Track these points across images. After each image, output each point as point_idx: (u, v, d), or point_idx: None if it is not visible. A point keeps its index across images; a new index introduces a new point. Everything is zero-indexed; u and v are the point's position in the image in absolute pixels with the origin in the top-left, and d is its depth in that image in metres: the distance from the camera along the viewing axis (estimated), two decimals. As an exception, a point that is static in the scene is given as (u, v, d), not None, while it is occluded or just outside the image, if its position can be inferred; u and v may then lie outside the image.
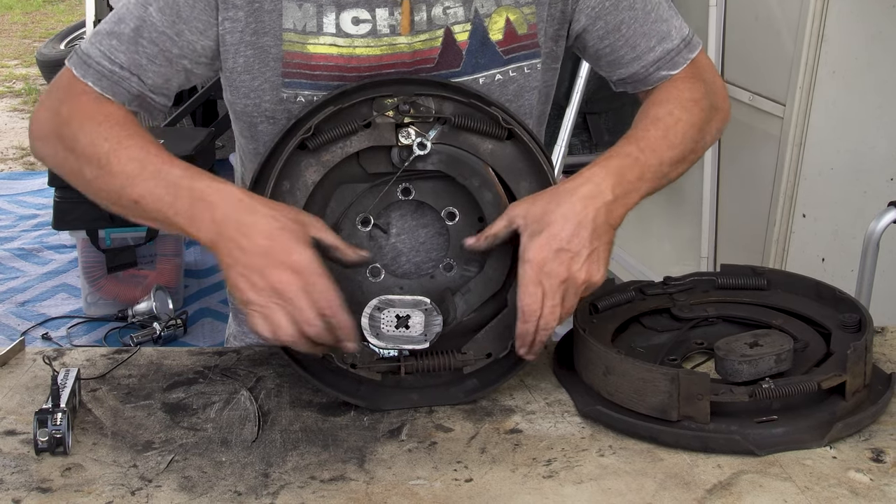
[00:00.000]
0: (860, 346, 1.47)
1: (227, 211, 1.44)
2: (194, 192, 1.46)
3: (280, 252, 1.41)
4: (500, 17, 1.62)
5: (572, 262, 1.45)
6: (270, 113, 1.61)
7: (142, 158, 1.48)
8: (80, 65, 1.58)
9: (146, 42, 1.56)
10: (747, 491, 1.34)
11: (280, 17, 1.56)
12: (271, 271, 1.40)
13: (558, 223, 1.46)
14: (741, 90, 3.11)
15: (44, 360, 1.65)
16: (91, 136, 1.52)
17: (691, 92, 1.65)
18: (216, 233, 1.43)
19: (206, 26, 1.57)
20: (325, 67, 1.58)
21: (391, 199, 1.61)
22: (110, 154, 1.49)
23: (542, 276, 1.45)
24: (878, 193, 2.84)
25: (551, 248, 1.45)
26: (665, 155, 1.57)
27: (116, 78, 1.57)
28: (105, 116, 1.54)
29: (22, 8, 11.79)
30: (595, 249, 1.47)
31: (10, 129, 7.56)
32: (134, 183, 1.47)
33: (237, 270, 1.42)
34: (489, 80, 1.62)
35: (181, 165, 1.49)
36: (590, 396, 1.53)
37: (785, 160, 2.94)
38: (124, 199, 1.49)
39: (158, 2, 1.56)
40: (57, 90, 1.60)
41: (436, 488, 1.36)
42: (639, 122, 1.62)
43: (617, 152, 1.55)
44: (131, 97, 1.59)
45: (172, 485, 1.37)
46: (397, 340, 1.52)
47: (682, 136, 1.59)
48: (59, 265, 5.00)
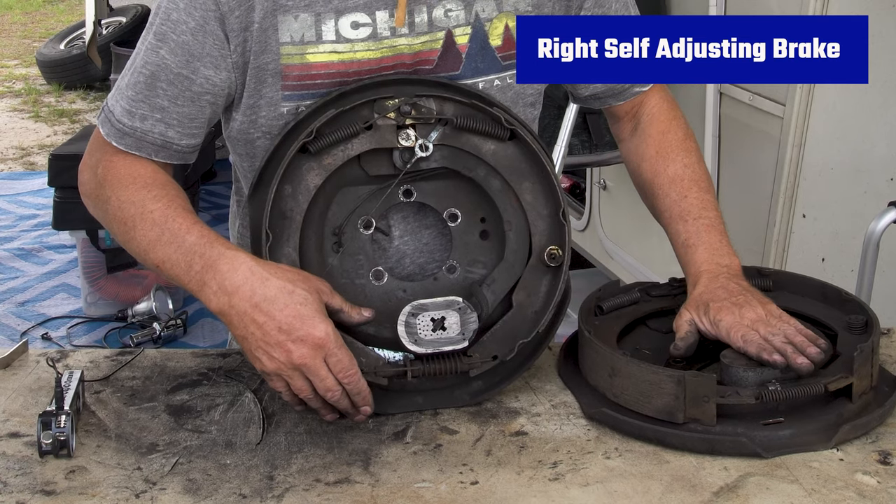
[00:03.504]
0: (867, 348, 1.47)
1: (237, 281, 1.44)
2: (206, 260, 1.46)
3: (300, 328, 1.42)
4: (500, 23, 1.62)
5: (754, 306, 1.57)
6: (267, 129, 1.61)
7: (161, 224, 1.50)
8: (105, 123, 1.59)
9: (164, 85, 1.55)
10: (754, 493, 1.33)
11: (276, 33, 1.55)
12: (292, 346, 1.41)
13: (744, 309, 1.56)
14: (741, 90, 3.10)
15: (47, 363, 1.65)
16: (119, 201, 1.55)
17: (681, 130, 1.76)
18: (227, 304, 1.44)
19: (220, 59, 1.55)
20: (325, 76, 1.57)
21: (393, 201, 1.60)
22: (136, 219, 1.52)
23: (762, 326, 1.54)
24: (878, 193, 2.84)
25: (741, 304, 1.57)
26: (713, 202, 1.70)
27: (139, 134, 1.57)
28: (133, 179, 1.56)
29: (22, 8, 11.79)
30: (761, 302, 1.59)
31: (10, 129, 7.55)
32: (154, 248, 1.50)
33: (254, 344, 1.43)
34: (488, 86, 1.62)
35: (197, 232, 1.49)
36: (595, 398, 1.53)
37: (785, 160, 2.93)
38: (148, 262, 1.52)
39: (169, 44, 1.54)
40: (94, 149, 1.62)
41: (441, 491, 1.36)
42: (670, 186, 1.71)
43: (716, 230, 1.67)
44: (156, 148, 1.58)
45: (177, 487, 1.36)
46: (437, 343, 1.52)
47: (704, 175, 1.73)
48: (59, 265, 5.00)
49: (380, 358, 1.52)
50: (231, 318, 1.44)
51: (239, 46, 1.55)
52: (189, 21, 1.53)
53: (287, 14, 1.55)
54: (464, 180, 1.59)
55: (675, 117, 1.76)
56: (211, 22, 1.53)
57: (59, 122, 7.69)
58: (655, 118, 1.75)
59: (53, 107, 8.06)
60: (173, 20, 1.53)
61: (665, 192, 1.71)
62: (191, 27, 1.53)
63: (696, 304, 1.58)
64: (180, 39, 1.53)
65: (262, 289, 1.43)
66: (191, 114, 1.58)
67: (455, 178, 1.59)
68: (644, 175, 1.75)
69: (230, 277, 1.44)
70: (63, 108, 8.01)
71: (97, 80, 8.21)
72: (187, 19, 1.53)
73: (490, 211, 1.60)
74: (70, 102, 8.20)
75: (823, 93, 2.85)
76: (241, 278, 1.44)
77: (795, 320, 1.54)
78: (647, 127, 1.74)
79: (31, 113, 7.93)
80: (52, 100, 8.27)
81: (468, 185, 1.59)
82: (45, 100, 8.28)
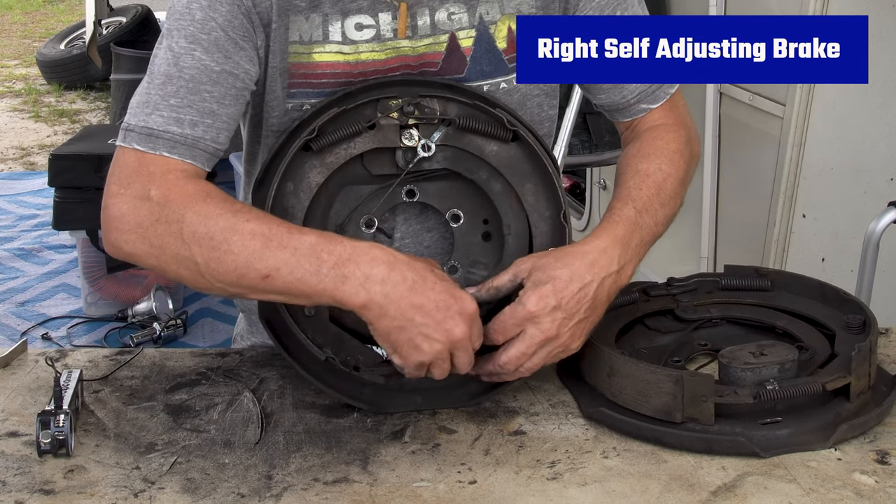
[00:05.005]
0: (865, 348, 1.47)
1: (383, 269, 1.38)
2: (339, 256, 1.39)
3: (454, 303, 1.39)
4: (503, 26, 1.62)
5: (563, 324, 1.45)
6: (277, 127, 1.61)
7: (264, 233, 1.40)
8: (144, 140, 1.48)
9: (209, 86, 1.49)
10: (752, 493, 1.33)
11: (287, 32, 1.55)
12: (451, 324, 1.39)
13: (563, 280, 1.45)
14: (741, 90, 3.11)
15: (46, 362, 1.65)
16: (200, 216, 1.42)
17: (676, 143, 1.66)
18: (381, 293, 1.37)
19: (252, 53, 1.53)
20: (331, 75, 1.57)
21: (396, 200, 1.60)
22: (227, 231, 1.40)
23: (530, 326, 1.44)
24: (878, 193, 2.84)
25: (549, 304, 1.43)
26: (659, 214, 1.58)
27: (191, 141, 1.48)
28: (206, 193, 1.45)
29: (22, 8, 11.79)
30: (586, 319, 1.47)
31: (10, 129, 7.55)
32: (262, 257, 1.39)
33: (414, 332, 1.39)
34: (494, 88, 1.62)
35: (311, 232, 1.42)
36: (593, 398, 1.53)
37: (785, 160, 2.94)
38: (250, 276, 1.40)
39: (201, 44, 1.49)
40: (129, 175, 1.48)
41: (440, 490, 1.36)
42: (629, 176, 1.61)
43: (619, 216, 1.54)
44: (208, 156, 1.51)
45: (175, 487, 1.37)
46: None
47: (672, 192, 1.61)
48: (59, 265, 5.00)
49: (378, 356, 1.52)
50: (386, 308, 1.38)
51: (263, 42, 1.54)
52: (217, 17, 1.50)
53: (298, 14, 1.55)
54: (466, 181, 1.59)
55: (675, 132, 1.69)
56: (238, 16, 1.51)
57: (59, 122, 7.70)
58: (654, 128, 1.70)
59: (53, 107, 8.06)
60: (199, 19, 1.49)
61: (625, 180, 1.62)
62: (220, 23, 1.50)
63: (533, 261, 1.50)
64: (212, 37, 1.50)
65: (409, 272, 1.39)
66: (235, 115, 1.53)
67: (458, 178, 1.59)
68: (618, 169, 1.67)
69: (375, 266, 1.38)
70: (63, 108, 8.01)
71: (97, 80, 8.21)
72: (214, 15, 1.50)
73: (492, 213, 1.60)
74: (70, 102, 8.20)
75: (823, 93, 2.85)
76: (385, 265, 1.39)
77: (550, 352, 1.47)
78: (643, 133, 1.70)
79: (32, 113, 7.93)
80: (52, 100, 8.27)
81: (471, 186, 1.59)
82: (45, 100, 8.29)
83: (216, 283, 1.43)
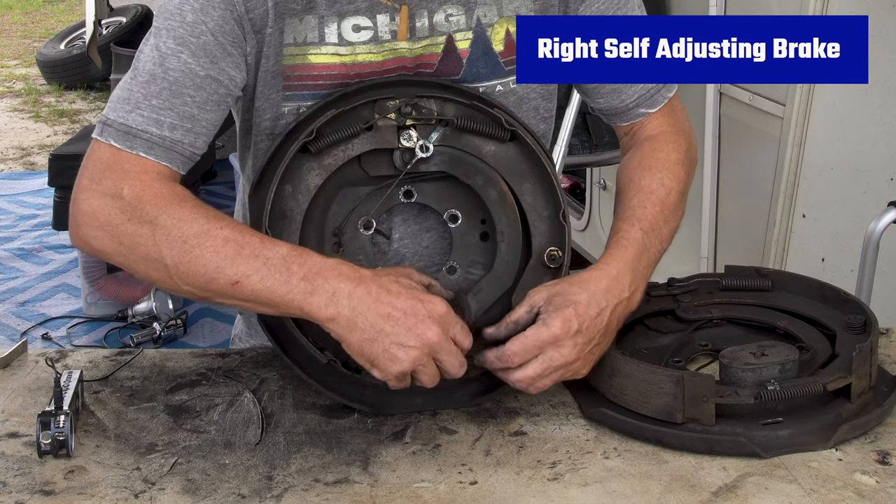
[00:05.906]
0: (865, 348, 1.47)
1: (349, 284, 1.40)
2: (308, 268, 1.41)
3: (421, 307, 1.40)
4: (501, 29, 1.61)
5: (581, 349, 1.45)
6: (270, 130, 1.60)
7: (237, 240, 1.42)
8: (122, 137, 1.48)
9: (192, 90, 1.50)
10: (753, 493, 1.33)
11: (281, 35, 1.55)
12: (422, 328, 1.40)
13: (583, 304, 1.46)
14: (741, 90, 3.11)
15: (46, 362, 1.65)
16: (174, 219, 1.43)
17: (676, 153, 1.66)
18: (348, 307, 1.39)
19: (240, 59, 1.53)
20: (327, 77, 1.57)
21: (393, 201, 1.60)
22: (200, 236, 1.42)
23: (551, 349, 1.44)
24: (878, 193, 2.84)
25: (573, 327, 1.44)
26: (664, 232, 1.59)
27: (168, 143, 1.49)
28: (180, 197, 1.46)
29: (22, 8, 11.79)
30: (598, 345, 1.48)
31: (10, 130, 7.55)
32: (233, 263, 1.41)
33: (387, 342, 1.39)
34: (490, 91, 1.62)
35: (284, 244, 1.44)
36: (594, 398, 1.53)
37: (785, 160, 2.93)
38: (220, 281, 1.41)
39: (189, 48, 1.49)
40: (102, 171, 1.48)
41: (440, 491, 1.36)
42: (632, 193, 1.62)
43: (626, 240, 1.55)
44: (184, 160, 1.51)
45: (176, 487, 1.36)
46: None
47: (674, 207, 1.62)
48: (59, 265, 5.00)
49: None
50: (355, 321, 1.40)
51: (254, 48, 1.54)
52: (208, 21, 1.50)
53: (293, 17, 1.54)
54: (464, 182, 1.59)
55: (675, 141, 1.68)
56: (229, 21, 1.51)
57: (59, 122, 7.70)
58: (653, 138, 1.70)
59: (53, 107, 8.06)
60: (190, 22, 1.49)
61: (629, 197, 1.62)
62: (210, 27, 1.50)
63: (548, 289, 1.50)
64: (201, 41, 1.50)
65: (374, 285, 1.41)
66: (215, 120, 1.54)
67: (455, 179, 1.59)
68: (620, 181, 1.68)
69: (342, 282, 1.40)
70: (63, 108, 8.01)
71: (97, 80, 8.22)
72: (205, 19, 1.50)
73: (489, 215, 1.60)
74: (70, 102, 8.20)
75: (823, 93, 2.85)
76: (352, 281, 1.41)
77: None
78: (643, 143, 1.69)
79: (31, 113, 7.93)
80: (52, 100, 8.27)
81: (468, 186, 1.59)
82: (45, 100, 8.29)
83: (184, 285, 1.44)
